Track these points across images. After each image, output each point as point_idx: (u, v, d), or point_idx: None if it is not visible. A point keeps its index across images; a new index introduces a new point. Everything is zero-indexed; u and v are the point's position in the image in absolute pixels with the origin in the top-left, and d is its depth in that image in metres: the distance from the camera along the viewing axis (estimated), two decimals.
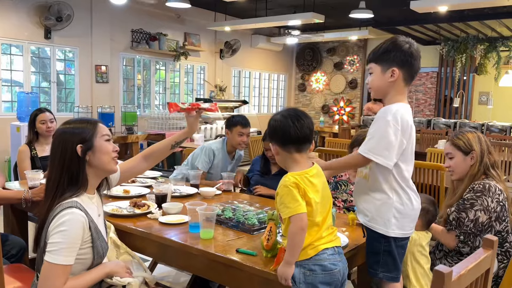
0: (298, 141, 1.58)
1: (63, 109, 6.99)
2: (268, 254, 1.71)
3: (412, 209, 1.71)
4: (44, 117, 3.38)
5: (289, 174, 1.56)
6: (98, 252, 1.64)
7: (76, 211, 1.54)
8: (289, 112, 1.62)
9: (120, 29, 7.32)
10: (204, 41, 8.78)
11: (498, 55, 8.21)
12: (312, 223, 1.53)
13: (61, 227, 1.51)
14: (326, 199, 1.60)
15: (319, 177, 1.59)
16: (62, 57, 6.89)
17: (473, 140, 2.10)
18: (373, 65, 1.74)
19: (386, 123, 1.62)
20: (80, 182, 1.63)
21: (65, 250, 1.51)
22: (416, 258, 1.98)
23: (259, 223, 2.05)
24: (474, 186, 2.04)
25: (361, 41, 10.17)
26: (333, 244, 1.57)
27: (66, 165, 1.61)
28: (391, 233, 1.67)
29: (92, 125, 1.69)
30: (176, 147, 2.11)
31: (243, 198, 2.64)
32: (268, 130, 1.66)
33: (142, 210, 2.22)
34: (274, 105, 11.22)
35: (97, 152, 1.66)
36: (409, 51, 1.68)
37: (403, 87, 1.71)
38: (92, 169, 1.67)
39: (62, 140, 1.64)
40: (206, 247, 1.81)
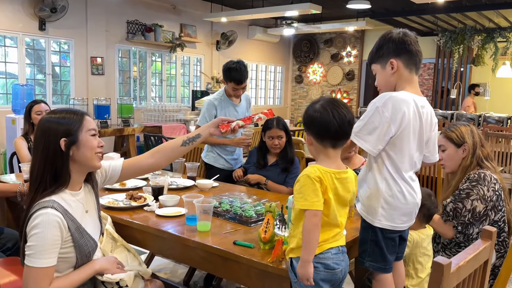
0: (337, 136, 1.51)
1: (58, 101, 6.94)
2: (266, 246, 1.70)
3: (405, 203, 1.66)
4: (40, 108, 3.39)
5: (317, 166, 1.48)
6: (81, 251, 1.58)
7: (50, 212, 1.48)
8: (330, 104, 1.50)
9: (115, 21, 7.26)
10: (200, 32, 8.71)
11: (495, 46, 8.18)
12: (326, 222, 1.48)
13: (34, 229, 1.46)
14: (344, 202, 1.53)
15: (347, 183, 1.52)
16: (57, 49, 6.82)
17: (466, 133, 2.10)
18: (373, 66, 1.74)
19: (375, 109, 1.60)
20: (62, 178, 1.56)
21: (43, 253, 1.46)
22: (419, 259, 1.97)
23: (257, 215, 2.04)
24: (469, 176, 2.04)
25: (358, 32, 10.12)
26: (338, 243, 1.53)
27: (50, 159, 1.54)
28: (376, 223, 1.65)
29: (78, 118, 1.61)
30: (188, 144, 1.94)
31: (240, 191, 2.63)
32: (305, 118, 1.56)
33: (138, 203, 2.21)
34: (271, 97, 11.19)
35: (81, 147, 1.58)
36: (400, 39, 1.66)
37: (408, 74, 1.68)
38: (75, 165, 1.60)
39: (46, 131, 1.57)
40: (203, 239, 1.80)
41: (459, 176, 2.09)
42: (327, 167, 1.49)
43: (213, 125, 1.97)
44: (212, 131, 1.96)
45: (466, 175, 2.06)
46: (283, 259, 1.61)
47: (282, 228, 1.87)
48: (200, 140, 1.97)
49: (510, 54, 8.13)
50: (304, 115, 1.56)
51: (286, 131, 3.04)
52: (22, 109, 5.54)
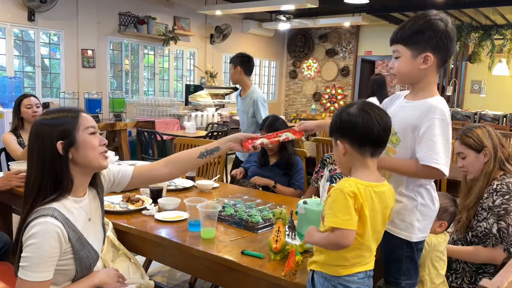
0: (378, 143, 1.34)
1: (48, 94, 6.72)
2: (277, 257, 1.58)
3: (434, 209, 1.56)
4: (30, 101, 3.24)
5: (352, 179, 1.31)
6: (82, 264, 1.44)
7: (49, 221, 1.33)
8: (368, 106, 1.34)
9: (107, 12, 7.05)
10: (194, 25, 8.53)
11: (492, 43, 8.13)
12: (359, 243, 1.32)
13: (31, 239, 1.32)
14: (383, 219, 1.38)
15: (384, 197, 1.36)
16: (47, 41, 6.61)
17: (483, 136, 1.97)
18: (401, 47, 1.47)
19: (447, 126, 1.42)
20: (63, 184, 1.41)
21: (38, 265, 1.32)
22: (434, 264, 1.86)
23: (263, 221, 1.92)
24: (496, 188, 1.92)
25: (353, 27, 10.01)
26: (367, 267, 1.38)
27: (48, 165, 1.39)
28: (414, 238, 1.52)
29: (73, 116, 1.45)
30: (205, 156, 1.79)
31: (243, 193, 2.51)
32: (338, 125, 1.36)
33: (136, 206, 2.07)
34: (265, 92, 11.04)
35: (80, 148, 1.43)
36: (446, 32, 1.43)
37: (436, 74, 1.50)
38: (77, 168, 1.45)
39: (40, 134, 1.41)
40: (208, 248, 1.68)
41: (481, 182, 1.97)
42: (365, 179, 1.32)
43: (235, 140, 1.81)
44: (232, 145, 1.81)
45: (490, 186, 1.95)
46: (296, 271, 1.49)
47: (292, 235, 1.76)
48: (218, 154, 1.82)
49: (506, 52, 8.08)
50: (337, 121, 1.36)
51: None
52: (10, 103, 5.34)
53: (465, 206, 2.03)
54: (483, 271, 2.00)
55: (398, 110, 1.57)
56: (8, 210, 2.78)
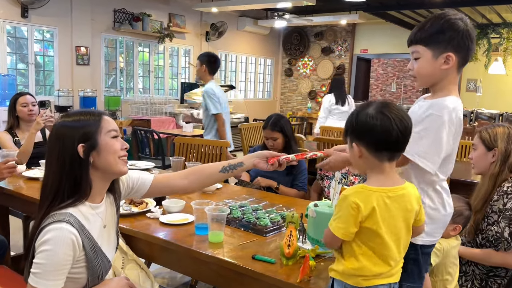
0: (397, 147, 1.28)
1: (41, 92, 6.61)
2: (289, 262, 1.53)
3: (445, 214, 1.50)
4: (26, 100, 3.16)
5: (360, 189, 1.26)
6: (94, 273, 1.38)
7: (65, 227, 1.28)
8: (387, 107, 1.27)
9: (101, 9, 6.94)
10: (189, 22, 8.45)
11: (488, 42, 8.14)
12: (379, 255, 1.26)
13: (45, 245, 1.27)
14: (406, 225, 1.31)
15: (403, 201, 1.29)
16: (40, 38, 6.49)
17: (501, 137, 1.94)
18: (421, 48, 1.42)
19: (442, 124, 1.36)
20: (82, 189, 1.35)
21: (50, 273, 1.27)
22: (449, 270, 1.83)
23: (272, 224, 1.87)
24: (507, 190, 1.88)
25: (349, 25, 9.97)
26: (391, 280, 1.31)
27: (67, 169, 1.33)
28: (419, 241, 1.46)
29: (96, 119, 1.39)
30: (228, 171, 1.71)
31: (248, 194, 2.45)
32: (355, 126, 1.30)
33: (140, 209, 2.01)
34: (260, 90, 10.99)
35: (102, 151, 1.37)
36: (466, 32, 1.39)
37: (456, 75, 1.45)
38: (97, 172, 1.39)
39: (60, 137, 1.36)
40: (216, 252, 1.62)
41: (487, 185, 1.94)
42: (380, 185, 1.27)
43: (261, 157, 1.73)
44: (256, 162, 1.72)
45: (499, 187, 1.91)
46: (311, 277, 1.44)
47: (302, 239, 1.71)
48: (242, 170, 1.74)
49: (502, 51, 8.10)
50: (354, 123, 1.30)
51: (283, 132, 2.85)
52: (3, 100, 5.25)
53: (473, 209, 2.00)
54: (494, 274, 1.97)
55: (414, 109, 1.53)
56: (4, 212, 2.70)
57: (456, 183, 3.19)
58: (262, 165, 1.71)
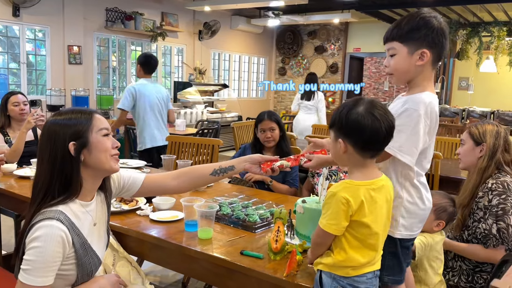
0: (381, 146, 1.33)
1: (33, 91, 6.59)
2: (277, 257, 1.55)
3: (423, 208, 1.53)
4: (17, 99, 3.17)
5: (347, 184, 1.30)
6: (83, 270, 1.39)
7: (55, 225, 1.29)
8: (375, 108, 1.30)
9: (94, 7, 6.93)
10: (182, 21, 8.44)
11: (480, 40, 8.20)
12: (367, 245, 1.32)
13: (35, 242, 1.28)
14: (388, 214, 1.38)
15: (384, 191, 1.36)
16: (32, 37, 6.47)
17: (490, 133, 1.97)
18: (397, 44, 1.45)
19: (418, 117, 1.40)
20: (72, 187, 1.36)
21: (39, 270, 1.27)
22: (431, 264, 1.85)
23: (261, 220, 1.89)
24: (491, 187, 1.91)
25: (342, 24, 10.01)
26: (375, 267, 1.38)
27: (58, 166, 1.34)
28: (397, 235, 1.50)
29: (87, 117, 1.40)
30: (218, 175, 1.73)
31: (238, 191, 2.47)
32: (344, 123, 1.32)
33: (130, 206, 2.02)
34: (254, 89, 11.00)
35: (93, 149, 1.38)
36: (440, 30, 1.43)
37: (431, 71, 1.49)
38: (88, 170, 1.40)
39: (51, 134, 1.36)
40: (206, 249, 1.64)
41: (474, 179, 1.97)
42: (364, 179, 1.32)
43: (252, 161, 1.74)
44: (248, 166, 1.73)
45: (484, 183, 1.94)
46: (298, 272, 1.46)
47: (290, 234, 1.73)
48: (232, 173, 1.76)
49: (493, 49, 8.16)
50: (343, 120, 1.32)
51: (278, 124, 2.92)
52: None
53: (460, 204, 2.02)
54: (480, 269, 2.00)
55: (392, 105, 1.56)
56: None
57: (445, 180, 3.24)
58: (254, 170, 1.72)
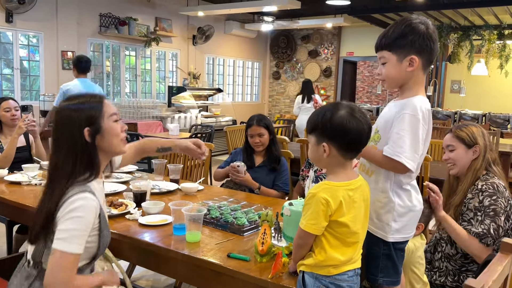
0: (362, 147, 1.38)
1: (27, 97, 6.60)
2: (263, 259, 1.57)
3: (414, 210, 1.56)
4: (9, 104, 3.18)
5: (326, 186, 1.34)
6: (104, 241, 1.51)
7: (89, 197, 1.40)
8: (356, 111, 1.35)
9: (87, 13, 6.95)
10: (176, 26, 8.48)
11: (471, 43, 8.28)
12: (345, 243, 1.36)
13: (74, 212, 1.37)
14: (365, 217, 1.42)
15: (361, 191, 1.40)
16: (25, 42, 6.48)
17: (478, 134, 2.00)
18: (387, 53, 1.49)
19: (417, 123, 1.43)
20: (94, 168, 1.47)
21: (76, 238, 1.36)
22: (414, 270, 1.87)
23: (249, 223, 1.91)
24: (481, 188, 1.93)
25: (335, 29, 10.08)
26: (356, 265, 1.41)
27: (78, 151, 1.44)
28: (390, 239, 1.53)
29: (98, 103, 1.49)
30: (161, 152, 2.20)
31: (228, 195, 2.49)
32: (330, 128, 1.34)
33: (119, 210, 2.03)
34: (248, 93, 11.04)
35: (106, 135, 1.49)
36: (427, 34, 1.46)
37: (422, 75, 1.52)
38: (101, 153, 1.51)
39: (66, 121, 1.45)
40: (193, 252, 1.66)
41: (469, 180, 1.99)
42: (342, 180, 1.36)
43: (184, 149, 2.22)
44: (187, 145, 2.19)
45: (474, 185, 1.96)
46: (283, 273, 1.48)
47: (277, 237, 1.75)
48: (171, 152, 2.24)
49: (484, 52, 8.24)
50: (327, 124, 1.34)
51: (268, 128, 2.93)
52: None
53: (452, 204, 2.03)
54: (466, 269, 2.02)
55: (385, 110, 1.59)
56: None
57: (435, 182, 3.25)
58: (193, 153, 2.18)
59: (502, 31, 8.12)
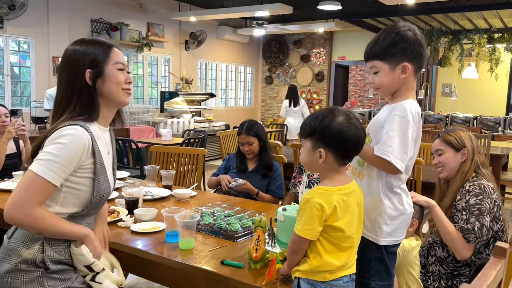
0: (358, 153, 1.41)
1: (18, 103, 6.54)
2: (257, 266, 1.56)
3: (405, 214, 1.56)
4: None
5: (320, 190, 1.34)
6: (98, 189, 1.45)
7: (79, 129, 1.38)
8: (352, 117, 1.37)
9: (79, 19, 6.92)
10: (168, 31, 8.47)
11: (461, 47, 8.36)
12: (340, 248, 1.36)
13: (58, 139, 1.34)
14: (359, 221, 1.42)
15: (355, 196, 1.40)
16: (16, 48, 6.43)
17: (465, 137, 2.05)
18: (378, 62, 1.50)
19: (407, 124, 1.44)
20: (91, 111, 1.45)
21: (54, 165, 1.32)
22: (410, 271, 1.87)
23: (243, 229, 1.90)
24: (468, 189, 1.95)
25: (327, 33, 10.13)
26: (351, 271, 1.40)
27: (77, 90, 1.43)
28: (382, 242, 1.53)
29: (106, 49, 1.48)
30: None
31: (221, 200, 2.48)
32: (328, 134, 1.35)
33: (111, 218, 2.02)
34: (241, 98, 11.04)
35: (107, 80, 1.47)
36: (416, 41, 1.48)
37: (413, 80, 1.54)
38: (102, 99, 1.49)
39: (69, 60, 1.46)
40: (186, 259, 1.64)
41: (459, 182, 2.01)
42: (336, 184, 1.36)
43: None
44: None
45: (463, 187, 1.98)
46: (277, 280, 1.47)
47: (271, 243, 1.74)
48: None
49: (475, 56, 8.32)
50: (326, 130, 1.34)
51: (257, 136, 2.90)
52: None
53: (442, 206, 2.05)
54: (458, 273, 2.03)
55: (379, 114, 1.60)
56: None
57: (427, 185, 3.27)
58: None
59: (492, 35, 8.21)
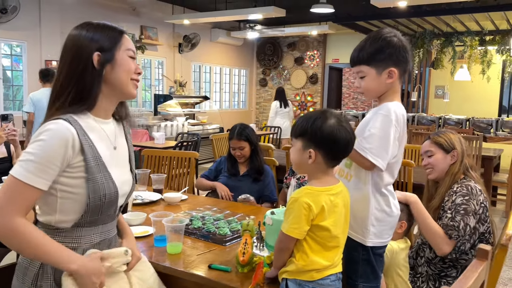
0: (347, 155, 1.44)
1: (10, 107, 6.52)
2: (244, 269, 1.57)
3: (392, 215, 1.58)
4: None
5: (308, 190, 1.36)
6: (95, 190, 1.26)
7: (62, 123, 1.22)
8: (345, 122, 1.40)
9: (71, 22, 6.81)
10: (161, 34, 8.47)
11: (453, 50, 8.41)
12: (326, 247, 1.37)
13: (38, 136, 1.20)
14: (346, 221, 1.44)
15: (342, 197, 1.42)
16: (9, 52, 6.41)
17: (455, 140, 2.07)
18: (365, 67, 1.53)
19: (389, 123, 1.47)
20: (86, 97, 1.28)
21: (32, 165, 1.17)
22: (399, 272, 1.89)
23: (231, 233, 1.91)
24: (456, 190, 1.97)
25: (320, 36, 10.17)
26: (337, 270, 1.42)
27: (78, 74, 1.28)
28: (368, 243, 1.54)
29: (117, 34, 1.34)
30: None
31: (211, 204, 2.48)
32: (319, 135, 1.36)
33: None
34: (235, 101, 11.05)
35: (116, 67, 1.32)
36: (402, 47, 1.52)
37: (398, 84, 1.58)
38: (106, 87, 1.33)
39: (77, 42, 1.30)
40: (174, 263, 1.65)
41: (447, 183, 2.03)
42: (324, 185, 1.38)
43: None
44: None
45: (453, 187, 2.00)
46: (264, 284, 1.48)
47: (260, 246, 1.75)
48: None
49: (467, 58, 8.38)
50: (318, 132, 1.36)
51: (249, 140, 2.90)
52: None
53: (430, 208, 2.06)
54: (445, 274, 2.04)
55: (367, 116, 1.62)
56: None
57: (418, 187, 3.29)
58: None
59: (484, 37, 8.27)
